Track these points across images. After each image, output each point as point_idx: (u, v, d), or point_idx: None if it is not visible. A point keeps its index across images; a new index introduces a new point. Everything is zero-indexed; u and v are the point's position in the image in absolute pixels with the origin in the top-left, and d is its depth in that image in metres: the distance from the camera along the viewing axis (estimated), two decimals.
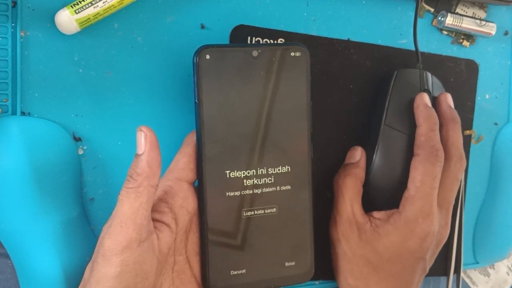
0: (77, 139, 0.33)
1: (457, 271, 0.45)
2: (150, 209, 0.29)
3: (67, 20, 0.30)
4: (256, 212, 0.33)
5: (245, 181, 0.33)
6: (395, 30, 0.41)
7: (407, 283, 0.37)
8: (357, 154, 0.39)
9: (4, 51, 0.31)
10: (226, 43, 0.36)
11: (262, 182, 0.33)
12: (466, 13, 0.44)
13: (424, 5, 0.42)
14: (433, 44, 0.43)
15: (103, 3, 0.31)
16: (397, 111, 0.38)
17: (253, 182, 0.33)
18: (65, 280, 0.31)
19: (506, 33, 0.45)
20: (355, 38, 0.40)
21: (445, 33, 0.43)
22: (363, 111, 0.40)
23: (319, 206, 0.39)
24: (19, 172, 0.30)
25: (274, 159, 0.33)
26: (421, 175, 0.36)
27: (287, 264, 0.34)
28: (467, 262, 0.47)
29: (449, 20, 0.42)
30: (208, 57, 0.31)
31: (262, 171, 0.33)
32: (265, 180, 0.33)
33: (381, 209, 0.38)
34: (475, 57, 0.44)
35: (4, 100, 0.31)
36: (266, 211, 0.34)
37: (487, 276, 0.51)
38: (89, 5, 0.30)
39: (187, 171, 0.32)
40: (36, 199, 0.31)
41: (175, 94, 0.35)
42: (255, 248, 0.33)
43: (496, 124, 0.46)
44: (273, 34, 0.37)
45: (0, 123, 0.31)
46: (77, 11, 0.30)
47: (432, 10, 0.42)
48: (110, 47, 0.33)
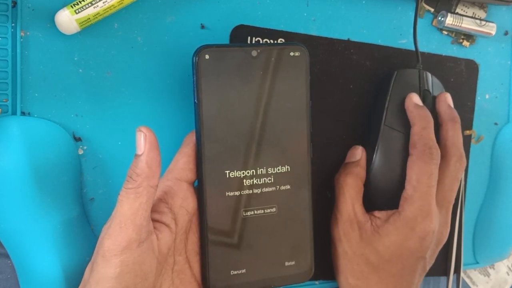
0: (77, 139, 0.33)
1: (457, 271, 0.45)
2: (149, 209, 0.29)
3: (67, 20, 0.30)
4: (256, 212, 0.33)
5: (244, 181, 0.33)
6: (395, 30, 0.41)
7: (408, 282, 0.37)
8: (358, 153, 0.39)
9: (4, 51, 0.31)
10: (225, 43, 0.36)
11: (261, 182, 0.33)
12: (466, 13, 0.44)
13: (424, 5, 0.42)
14: (433, 44, 0.43)
15: (103, 3, 0.31)
16: (396, 111, 0.38)
17: (252, 182, 0.33)
18: (65, 280, 0.31)
19: (506, 33, 0.45)
20: (355, 38, 0.40)
21: (445, 33, 0.43)
22: (363, 111, 0.40)
23: (319, 206, 0.39)
24: (19, 172, 0.30)
25: (274, 159, 0.33)
26: (416, 174, 0.36)
27: (287, 263, 0.34)
28: (467, 262, 0.47)
29: (449, 20, 0.42)
30: (207, 57, 0.31)
31: (261, 171, 0.33)
32: (264, 180, 0.33)
33: (382, 208, 0.38)
34: (475, 57, 0.44)
35: (4, 100, 0.31)
36: (265, 210, 0.33)
37: (487, 276, 0.51)
38: (89, 5, 0.30)
39: (186, 171, 0.32)
40: (36, 199, 0.31)
41: (175, 94, 0.35)
42: (255, 247, 0.33)
43: (496, 124, 0.46)
44: (273, 34, 0.37)
45: (0, 123, 0.31)
46: (77, 11, 0.30)
47: (432, 10, 0.42)
48: (110, 47, 0.33)
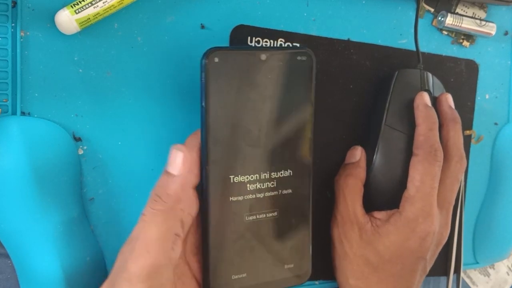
0: (77, 139, 0.33)
1: (457, 271, 0.45)
2: (177, 231, 0.28)
3: (67, 20, 0.30)
4: (258, 217, 0.33)
5: (248, 185, 0.32)
6: (395, 30, 0.41)
7: (408, 283, 0.37)
8: (357, 153, 0.39)
9: (4, 51, 0.31)
10: (227, 44, 0.36)
11: (264, 187, 0.33)
12: (466, 13, 0.44)
13: (424, 5, 0.42)
14: (433, 44, 0.43)
15: (103, 3, 0.31)
16: (397, 111, 0.38)
17: (256, 186, 0.33)
18: (65, 280, 0.31)
19: (506, 33, 0.45)
20: (355, 38, 0.40)
21: (445, 33, 0.43)
22: (363, 111, 0.40)
23: (319, 206, 0.39)
24: (19, 172, 0.30)
25: (277, 163, 0.33)
26: (420, 175, 0.36)
27: (286, 266, 0.34)
28: (467, 262, 0.47)
29: (449, 20, 0.42)
30: (216, 59, 0.30)
31: (265, 175, 0.33)
32: (267, 185, 0.33)
33: (382, 209, 0.38)
34: (475, 57, 0.44)
35: (4, 100, 0.31)
36: (267, 215, 0.33)
37: (487, 276, 0.51)
38: (89, 5, 0.30)
39: (192, 176, 0.31)
40: (36, 199, 0.31)
41: (175, 94, 0.35)
42: (256, 251, 0.33)
43: (496, 124, 0.46)
44: (273, 34, 0.37)
45: (0, 123, 0.31)
46: (77, 11, 0.30)
47: (432, 10, 0.42)
48: (110, 47, 0.33)
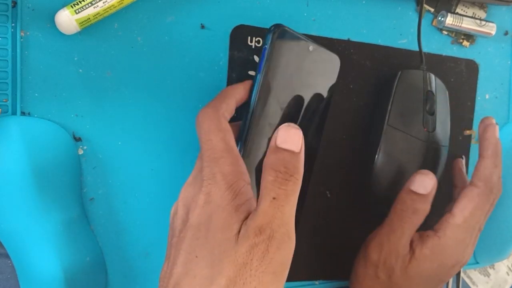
0: (77, 139, 0.33)
1: None
2: None
3: (67, 20, 0.30)
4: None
5: None
6: (395, 30, 0.41)
7: None
8: (429, 185, 0.35)
9: (4, 51, 0.31)
10: (227, 44, 0.36)
11: None
12: (466, 13, 0.44)
13: (424, 5, 0.42)
14: (433, 44, 0.43)
15: (103, 3, 0.31)
16: (400, 111, 0.38)
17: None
18: (65, 280, 0.31)
19: (506, 33, 0.45)
20: (355, 38, 0.40)
21: (445, 33, 0.43)
22: (363, 111, 0.40)
23: (319, 206, 0.39)
24: (19, 172, 0.30)
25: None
26: (474, 208, 0.35)
27: None
28: None
29: (449, 20, 0.42)
30: (282, 35, 0.32)
31: None
32: None
33: (382, 209, 0.38)
34: (475, 57, 0.44)
35: (4, 100, 0.31)
36: None
37: (487, 276, 0.51)
38: (89, 5, 0.30)
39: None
40: (36, 199, 0.31)
41: (175, 94, 0.35)
42: None
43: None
44: None
45: (0, 123, 0.31)
46: (77, 11, 0.30)
47: (432, 10, 0.42)
48: (110, 47, 0.33)
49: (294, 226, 0.27)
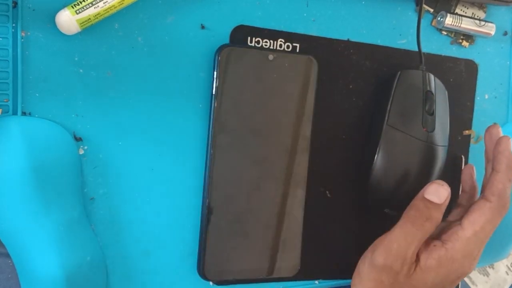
0: (78, 139, 0.33)
1: None
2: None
3: (68, 20, 0.30)
4: (254, 206, 0.35)
5: (248, 174, 0.35)
6: (394, 30, 0.41)
7: None
8: (443, 194, 0.34)
9: (5, 51, 0.31)
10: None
11: (264, 177, 0.35)
12: (466, 13, 0.44)
13: (424, 5, 0.42)
14: (432, 44, 0.43)
15: (103, 3, 0.31)
16: (400, 111, 0.38)
17: (255, 175, 0.35)
18: (66, 280, 0.31)
19: (505, 33, 0.46)
20: (355, 38, 0.40)
21: (444, 33, 0.43)
22: (363, 111, 0.40)
23: (319, 206, 0.39)
24: (20, 172, 0.30)
25: (277, 157, 0.35)
26: (485, 221, 0.35)
27: (278, 256, 0.36)
28: None
29: (449, 21, 0.42)
30: (228, 55, 0.33)
31: (265, 166, 0.35)
32: (266, 175, 0.35)
33: (381, 209, 0.38)
34: (474, 57, 0.44)
35: (5, 100, 0.31)
36: (264, 205, 0.36)
37: (487, 276, 0.51)
38: (90, 5, 0.30)
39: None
40: (37, 199, 0.31)
41: (175, 94, 0.35)
42: (251, 239, 0.35)
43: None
44: (273, 34, 0.37)
45: (1, 123, 0.31)
46: (77, 11, 0.30)
47: (432, 10, 0.42)
48: (111, 47, 0.33)
49: None
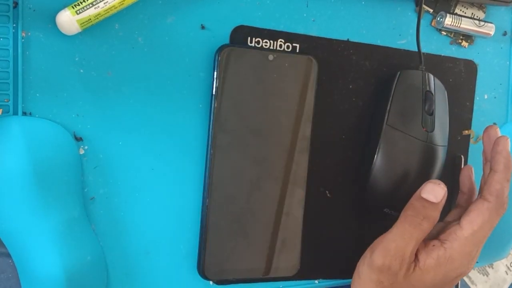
0: (78, 139, 0.33)
1: None
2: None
3: (68, 20, 0.30)
4: (254, 206, 0.35)
5: (249, 174, 0.35)
6: (394, 31, 0.41)
7: None
8: (440, 193, 0.35)
9: (5, 51, 0.31)
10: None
11: (264, 177, 0.35)
12: (465, 13, 0.44)
13: (423, 6, 0.42)
14: (432, 44, 0.43)
15: (104, 3, 0.31)
16: (399, 111, 0.38)
17: (256, 175, 0.35)
18: (66, 279, 0.32)
19: (505, 34, 0.46)
20: (355, 39, 0.40)
21: (444, 33, 0.43)
22: (362, 111, 0.40)
23: (319, 205, 0.39)
24: (20, 172, 0.31)
25: (276, 157, 0.35)
26: (483, 221, 0.35)
27: (278, 256, 0.37)
28: None
29: (448, 21, 0.42)
30: (228, 55, 0.34)
31: (265, 166, 0.35)
32: (266, 175, 0.35)
33: (381, 209, 0.38)
34: (474, 57, 0.45)
35: (6, 100, 0.31)
36: (264, 205, 0.36)
37: (486, 275, 0.51)
38: (90, 5, 0.31)
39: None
40: (37, 199, 0.31)
41: (175, 94, 0.35)
42: (251, 238, 0.36)
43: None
44: (273, 35, 0.37)
45: (1, 123, 0.31)
46: (78, 11, 0.30)
47: (431, 10, 0.43)
48: (111, 47, 0.33)
49: None
